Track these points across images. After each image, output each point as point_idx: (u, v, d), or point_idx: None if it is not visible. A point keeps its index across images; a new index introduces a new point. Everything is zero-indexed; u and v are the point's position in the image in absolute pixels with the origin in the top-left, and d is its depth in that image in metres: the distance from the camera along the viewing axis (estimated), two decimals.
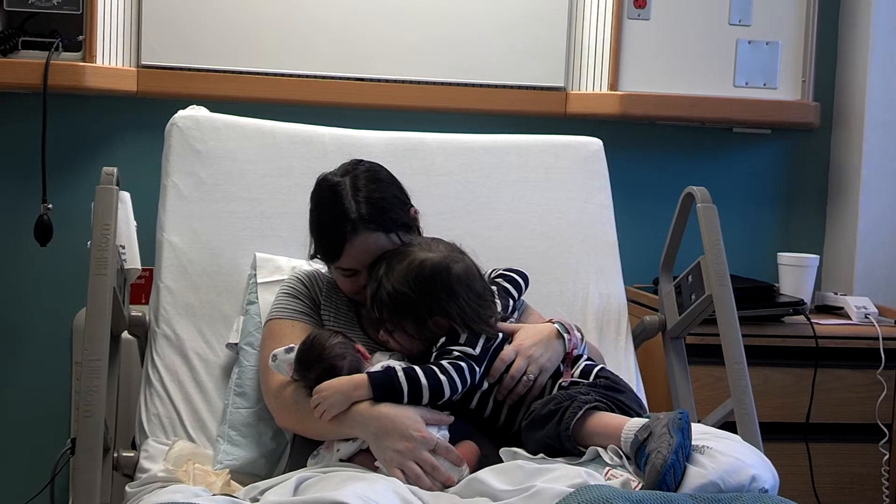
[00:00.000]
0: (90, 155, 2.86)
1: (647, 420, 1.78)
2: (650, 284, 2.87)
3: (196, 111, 2.47)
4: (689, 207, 2.44)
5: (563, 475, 1.69)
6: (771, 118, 3.04)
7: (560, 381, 1.97)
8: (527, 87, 3.00)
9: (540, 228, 2.50)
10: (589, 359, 2.04)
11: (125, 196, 2.32)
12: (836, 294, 2.99)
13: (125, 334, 2.28)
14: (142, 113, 2.86)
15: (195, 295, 2.29)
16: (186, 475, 1.97)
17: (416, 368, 1.88)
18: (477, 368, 1.92)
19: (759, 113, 3.02)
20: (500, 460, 1.85)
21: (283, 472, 1.96)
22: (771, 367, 2.73)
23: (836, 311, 2.95)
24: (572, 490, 1.62)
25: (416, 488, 1.75)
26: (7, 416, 2.90)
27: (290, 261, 2.29)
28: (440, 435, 1.86)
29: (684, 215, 2.47)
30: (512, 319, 2.09)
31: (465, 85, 2.97)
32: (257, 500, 1.72)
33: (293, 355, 1.94)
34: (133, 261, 2.31)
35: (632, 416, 1.85)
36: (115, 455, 2.07)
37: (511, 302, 2.11)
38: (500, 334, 1.98)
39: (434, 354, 1.94)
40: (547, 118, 3.00)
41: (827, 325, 2.80)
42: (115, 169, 2.08)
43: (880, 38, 3.09)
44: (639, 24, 2.96)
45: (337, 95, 2.90)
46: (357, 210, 2.00)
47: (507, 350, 1.97)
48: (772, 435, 2.22)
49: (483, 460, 1.87)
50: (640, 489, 1.66)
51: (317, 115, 2.59)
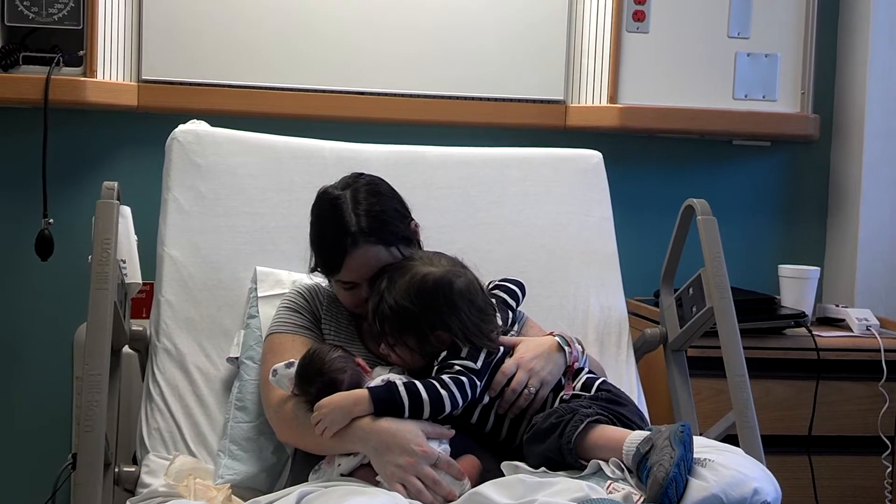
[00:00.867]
0: (91, 169, 2.86)
1: (648, 433, 1.77)
2: (651, 297, 2.87)
3: (196, 126, 2.47)
4: (689, 220, 2.44)
5: (564, 489, 1.68)
6: (770, 130, 3.05)
7: (561, 394, 1.97)
8: (526, 101, 3.00)
9: (540, 241, 2.50)
10: (590, 372, 2.04)
11: (126, 210, 2.33)
12: (838, 306, 2.99)
13: (126, 349, 2.28)
14: (142, 127, 2.87)
15: (196, 309, 2.29)
16: (187, 490, 1.96)
17: (417, 383, 1.88)
18: (478, 382, 1.91)
19: (758, 125, 3.02)
20: (502, 474, 1.84)
21: (285, 487, 1.96)
22: (772, 380, 2.73)
23: (838, 324, 2.95)
24: None
25: (417, 503, 1.75)
26: (8, 431, 2.90)
27: (290, 274, 2.29)
28: (441, 449, 1.85)
29: (685, 228, 2.47)
30: (513, 332, 2.09)
31: (465, 98, 2.97)
32: None
33: (293, 370, 1.94)
34: (134, 275, 2.32)
35: (633, 429, 1.85)
36: (116, 470, 2.07)
37: (510, 314, 2.11)
38: (502, 348, 1.98)
39: (435, 368, 1.93)
40: (546, 131, 3.00)
41: (828, 337, 2.79)
42: (115, 183, 2.09)
43: (879, 50, 3.10)
44: (638, 38, 2.97)
45: (337, 109, 2.91)
46: (357, 223, 2.00)
47: (509, 363, 1.96)
48: (774, 448, 2.21)
49: (484, 474, 1.87)
50: (643, 502, 1.66)
51: (317, 129, 2.60)
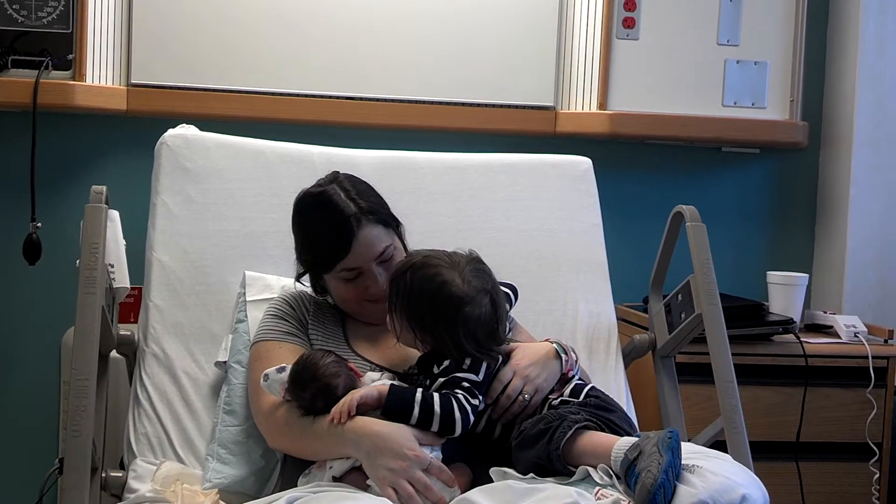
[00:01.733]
0: (79, 173, 2.85)
1: (636, 439, 1.77)
2: (640, 303, 2.87)
3: (186, 130, 2.47)
4: (678, 226, 2.45)
5: (553, 495, 1.68)
6: (759, 137, 3.05)
7: (550, 399, 1.96)
8: (516, 107, 3.00)
9: (530, 247, 2.50)
10: (580, 378, 2.03)
11: (114, 214, 2.32)
12: (826, 313, 3.00)
13: (114, 353, 2.27)
14: (131, 132, 2.86)
15: (184, 313, 2.28)
16: (175, 495, 1.96)
17: (436, 396, 1.86)
18: (480, 399, 1.91)
19: (747, 132, 3.03)
20: (490, 480, 1.84)
21: (274, 491, 1.95)
22: (761, 386, 2.73)
23: (826, 330, 2.96)
24: None
25: None
26: None
27: (279, 279, 2.28)
28: (433, 455, 1.85)
29: (674, 234, 2.47)
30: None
31: (455, 104, 2.97)
32: None
33: (285, 375, 1.93)
34: (122, 279, 2.31)
35: (622, 435, 1.84)
36: (104, 475, 2.06)
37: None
38: (500, 358, 1.97)
39: (440, 381, 1.90)
40: (536, 137, 3.00)
41: (816, 343, 2.80)
42: (104, 187, 2.08)
43: (868, 58, 3.11)
44: (628, 44, 2.97)
45: (326, 114, 2.90)
46: (356, 206, 2.03)
47: (506, 371, 1.96)
48: (762, 454, 2.22)
49: (475, 482, 1.86)
50: None
51: (306, 134, 2.59)
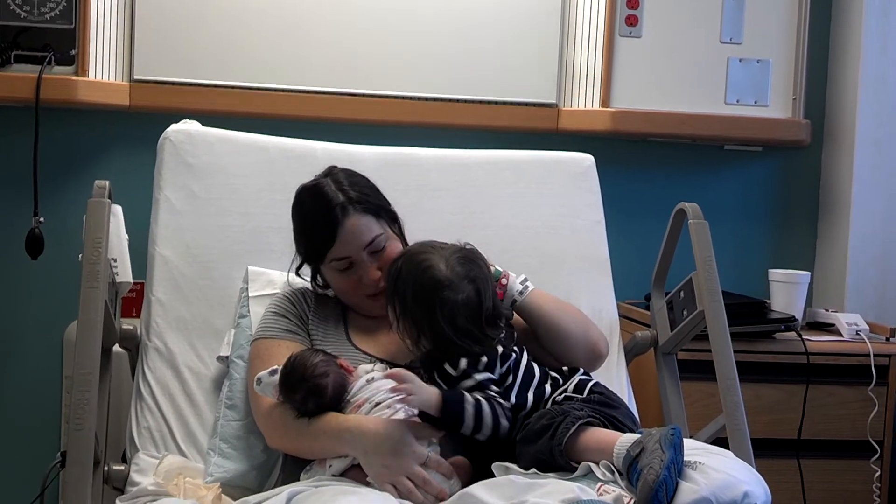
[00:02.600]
0: (82, 168, 2.85)
1: (639, 436, 1.77)
2: (642, 300, 2.88)
3: (188, 125, 2.47)
4: (680, 223, 2.44)
5: (555, 490, 1.68)
6: (762, 135, 3.05)
7: (554, 395, 1.97)
8: (519, 104, 3.00)
9: (532, 244, 2.50)
10: (584, 374, 2.03)
11: (117, 209, 2.33)
12: (828, 311, 3.00)
13: (116, 347, 2.28)
14: (134, 127, 2.86)
15: (187, 308, 2.28)
16: (177, 489, 1.96)
17: (484, 403, 1.86)
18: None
19: (750, 130, 3.03)
20: (492, 475, 1.84)
21: (276, 486, 1.96)
22: (762, 384, 2.73)
23: (828, 328, 2.96)
24: None
25: (408, 502, 1.75)
26: None
27: (282, 275, 2.28)
28: (431, 449, 1.85)
29: (676, 231, 2.47)
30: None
31: (458, 101, 2.97)
32: None
33: (277, 377, 1.93)
34: (125, 274, 2.32)
35: (625, 432, 1.84)
36: (106, 468, 2.06)
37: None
38: (515, 353, 1.97)
39: (467, 384, 1.90)
40: (539, 134, 3.00)
41: (818, 341, 2.80)
42: (107, 182, 2.08)
43: (871, 56, 3.11)
44: (630, 42, 2.97)
45: (330, 110, 2.91)
46: (345, 195, 2.05)
47: None
48: (763, 451, 2.22)
49: (477, 478, 1.86)
50: None
51: (309, 130, 2.59)
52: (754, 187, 3.21)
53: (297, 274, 2.16)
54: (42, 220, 2.65)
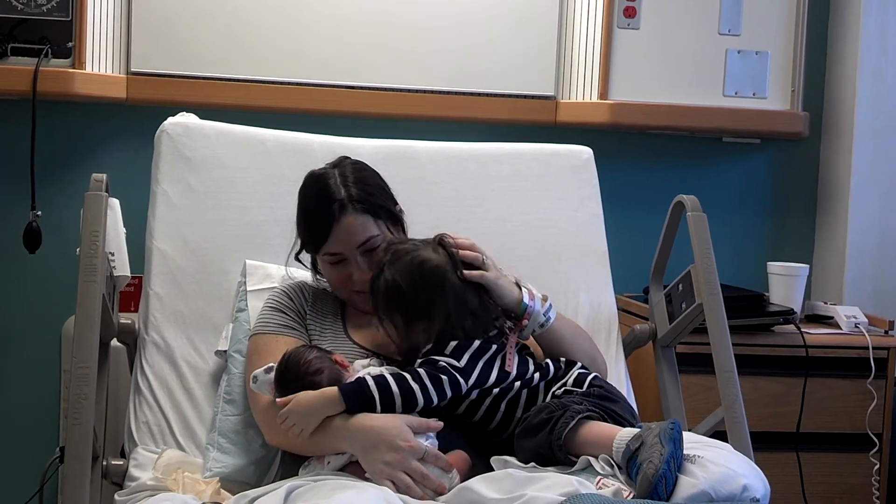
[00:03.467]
0: (79, 162, 2.85)
1: (638, 430, 1.77)
2: (640, 293, 2.87)
3: (186, 118, 2.46)
4: (679, 216, 2.44)
5: (554, 484, 1.68)
6: (760, 128, 3.05)
7: (553, 389, 1.96)
8: (517, 96, 3.00)
9: (530, 237, 2.50)
10: (582, 367, 2.03)
11: (114, 203, 2.32)
12: (826, 303, 3.00)
13: (114, 342, 2.27)
14: (131, 120, 2.85)
15: (185, 302, 2.28)
16: (176, 483, 1.96)
17: (388, 377, 1.88)
18: (461, 380, 1.90)
19: (748, 122, 3.02)
20: (491, 469, 1.84)
21: (274, 481, 1.95)
22: (761, 377, 2.73)
23: (826, 321, 2.96)
24: (563, 499, 1.62)
25: (407, 497, 1.75)
26: None
27: (280, 268, 2.28)
28: (429, 443, 1.85)
29: (674, 224, 2.47)
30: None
31: (456, 93, 2.97)
32: None
33: (273, 375, 1.93)
34: (122, 268, 2.31)
35: (624, 425, 1.85)
36: (105, 463, 2.06)
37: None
38: (494, 346, 1.97)
39: (418, 362, 1.93)
40: (537, 127, 3.00)
41: (817, 334, 2.80)
42: (104, 175, 2.08)
43: (869, 48, 3.10)
44: (629, 34, 2.97)
45: (327, 103, 2.90)
46: (346, 192, 2.05)
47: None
48: (762, 444, 2.22)
49: (473, 469, 1.87)
50: (632, 499, 1.66)
51: (307, 123, 2.59)
52: (753, 180, 3.21)
53: (297, 259, 2.16)
54: (39, 213, 2.65)
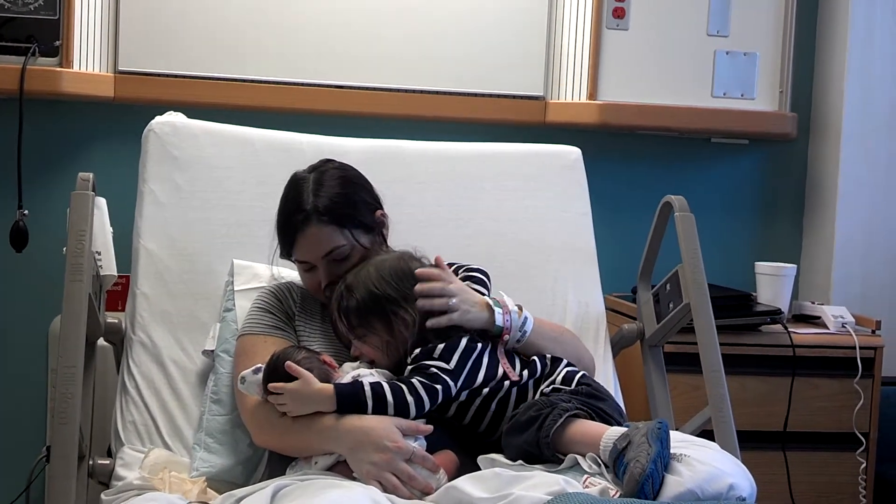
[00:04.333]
0: (66, 161, 2.84)
1: (626, 429, 1.78)
2: (628, 293, 2.87)
3: (173, 117, 2.46)
4: (667, 216, 2.45)
5: (541, 483, 1.68)
6: (748, 128, 3.06)
7: (542, 387, 1.96)
8: (506, 96, 3.00)
9: (519, 237, 2.50)
10: (570, 365, 2.03)
11: (101, 202, 2.31)
12: (813, 303, 3.00)
13: (101, 341, 2.27)
14: (119, 119, 2.85)
15: (172, 302, 2.27)
16: (162, 483, 1.95)
17: (384, 383, 1.87)
18: (451, 384, 1.90)
19: (736, 123, 3.03)
20: (478, 468, 1.84)
21: (261, 480, 1.95)
22: (748, 376, 2.74)
23: (813, 321, 2.96)
24: (550, 498, 1.62)
25: (394, 497, 1.75)
26: None
27: (268, 268, 2.27)
28: (417, 444, 1.85)
29: (662, 224, 2.47)
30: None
31: (445, 93, 2.97)
32: None
33: (261, 376, 1.93)
34: (109, 267, 2.30)
35: (612, 424, 1.85)
36: (91, 463, 2.06)
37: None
38: (479, 345, 1.97)
39: (409, 369, 1.92)
40: (526, 127, 3.00)
41: (804, 334, 2.81)
42: (90, 174, 2.07)
43: (857, 50, 3.11)
44: (618, 34, 2.97)
45: (316, 103, 2.90)
46: (314, 203, 2.04)
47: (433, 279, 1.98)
48: (749, 443, 2.22)
49: (461, 469, 1.86)
50: (619, 497, 1.66)
51: (295, 123, 2.58)
52: (741, 180, 3.22)
53: (284, 257, 2.15)
54: (26, 212, 2.64)
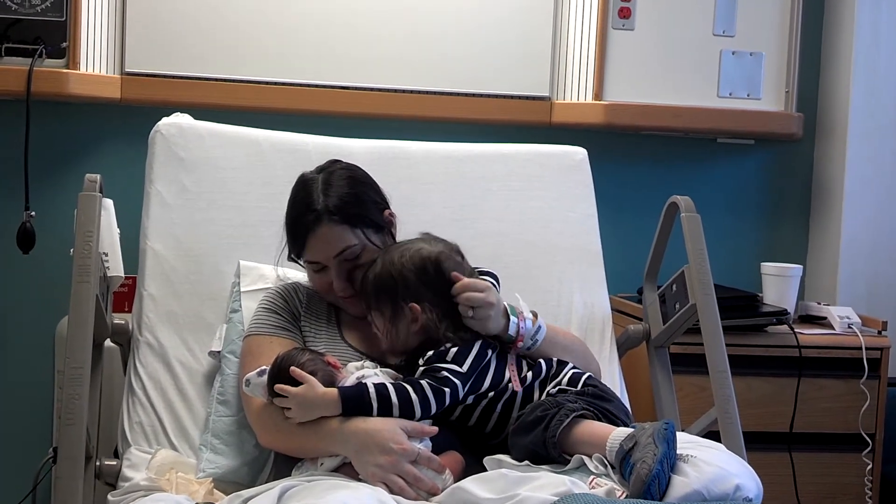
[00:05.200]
0: (73, 162, 2.84)
1: (632, 430, 1.77)
2: (634, 294, 2.87)
3: (180, 119, 2.46)
4: (673, 217, 2.44)
5: (547, 483, 1.68)
6: (754, 129, 3.05)
7: (547, 388, 1.97)
8: (512, 97, 3.00)
9: (524, 237, 2.50)
10: (576, 367, 2.03)
11: (108, 203, 2.32)
12: (820, 304, 3.00)
13: (108, 342, 2.27)
14: (125, 120, 2.85)
15: (178, 303, 2.28)
16: (169, 484, 1.96)
17: (389, 385, 1.87)
18: (460, 388, 1.89)
19: (742, 123, 3.03)
20: (484, 469, 1.84)
21: (268, 481, 1.95)
22: (754, 377, 2.74)
23: (820, 321, 2.96)
24: (556, 498, 1.62)
25: (400, 498, 1.75)
26: None
27: (274, 269, 2.28)
28: (422, 445, 1.85)
29: (668, 225, 2.47)
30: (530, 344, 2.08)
31: (451, 94, 2.97)
32: None
33: (266, 378, 1.93)
34: (116, 268, 2.31)
35: (618, 425, 1.85)
36: (98, 463, 2.06)
37: None
38: (490, 351, 1.97)
39: (421, 370, 1.92)
40: (532, 127, 3.00)
41: (810, 334, 2.81)
42: (98, 176, 2.07)
43: (863, 49, 3.11)
44: (623, 35, 2.97)
45: (322, 104, 2.90)
46: (324, 202, 2.03)
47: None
48: (755, 444, 2.22)
49: (467, 470, 1.86)
50: (625, 498, 1.66)
51: (301, 124, 2.59)
52: (747, 180, 3.21)
53: (291, 259, 2.15)
54: (33, 214, 2.64)
